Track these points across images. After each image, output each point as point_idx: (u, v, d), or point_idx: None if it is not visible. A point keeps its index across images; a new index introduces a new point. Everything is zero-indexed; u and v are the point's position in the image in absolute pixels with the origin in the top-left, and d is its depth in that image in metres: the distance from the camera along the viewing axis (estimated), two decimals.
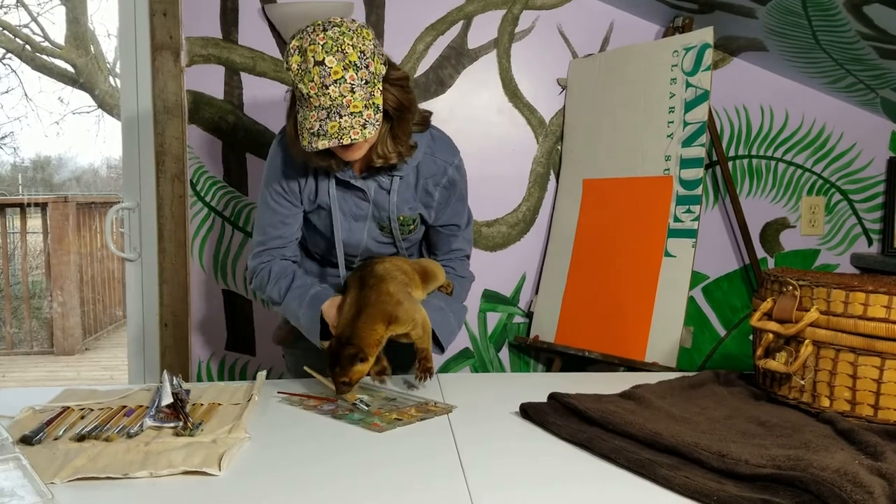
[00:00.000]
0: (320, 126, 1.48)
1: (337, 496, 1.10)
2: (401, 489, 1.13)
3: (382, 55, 1.55)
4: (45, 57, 10.02)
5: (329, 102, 1.47)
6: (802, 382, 1.45)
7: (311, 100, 1.47)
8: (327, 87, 1.46)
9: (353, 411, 1.49)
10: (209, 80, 2.56)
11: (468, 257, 1.93)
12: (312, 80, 1.47)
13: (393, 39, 2.58)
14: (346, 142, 1.49)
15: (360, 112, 1.49)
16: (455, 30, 2.60)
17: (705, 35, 2.23)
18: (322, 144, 1.49)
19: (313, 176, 1.71)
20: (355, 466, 1.22)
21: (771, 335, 1.50)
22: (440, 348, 1.70)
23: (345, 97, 1.47)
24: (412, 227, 1.78)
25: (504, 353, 2.72)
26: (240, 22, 2.54)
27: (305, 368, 1.73)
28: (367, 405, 1.51)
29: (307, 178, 1.71)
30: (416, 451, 1.29)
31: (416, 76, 2.60)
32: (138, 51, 2.53)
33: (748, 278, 2.69)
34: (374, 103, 1.51)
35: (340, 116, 1.47)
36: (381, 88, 1.54)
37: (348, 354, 1.49)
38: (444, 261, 1.88)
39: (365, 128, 1.50)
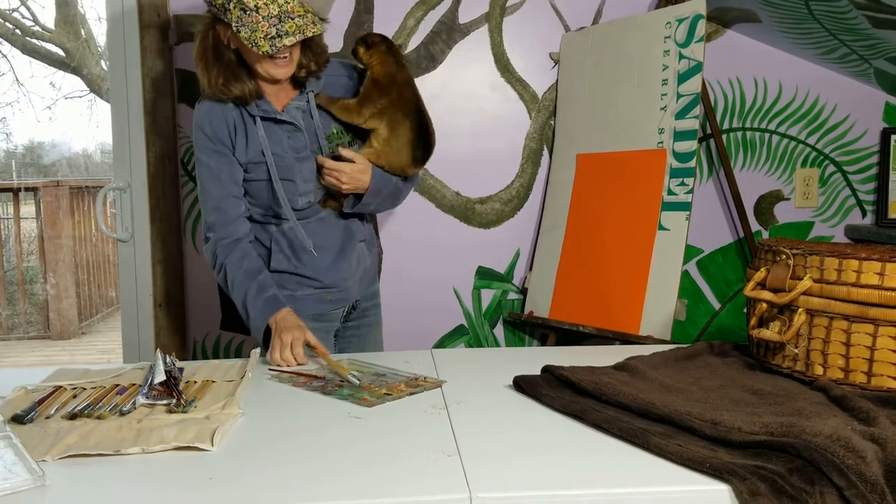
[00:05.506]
0: (277, 30, 1.65)
1: (328, 470, 1.10)
2: (392, 461, 1.13)
3: None
4: (35, 41, 9.94)
5: (278, 10, 1.65)
6: (796, 351, 1.45)
7: (261, 10, 1.64)
8: None
9: (343, 387, 1.49)
10: None
11: None
12: None
13: (383, 14, 2.55)
14: (308, 34, 1.68)
15: (304, 14, 1.68)
16: (446, 4, 2.57)
17: (698, 6, 2.21)
18: (289, 41, 1.66)
19: (242, 129, 1.83)
20: (348, 440, 1.22)
21: (765, 305, 1.50)
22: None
23: (289, 3, 1.66)
24: (346, 137, 1.92)
25: (499, 330, 2.72)
26: None
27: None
28: (359, 380, 1.51)
29: (235, 131, 1.83)
30: (408, 423, 1.29)
31: (406, 52, 2.58)
32: (126, 29, 2.50)
33: (742, 251, 2.69)
34: (308, 10, 1.70)
35: (291, 18, 1.66)
36: None
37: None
38: None
39: (315, 25, 1.70)
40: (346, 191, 1.86)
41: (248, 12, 1.64)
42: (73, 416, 1.30)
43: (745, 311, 2.27)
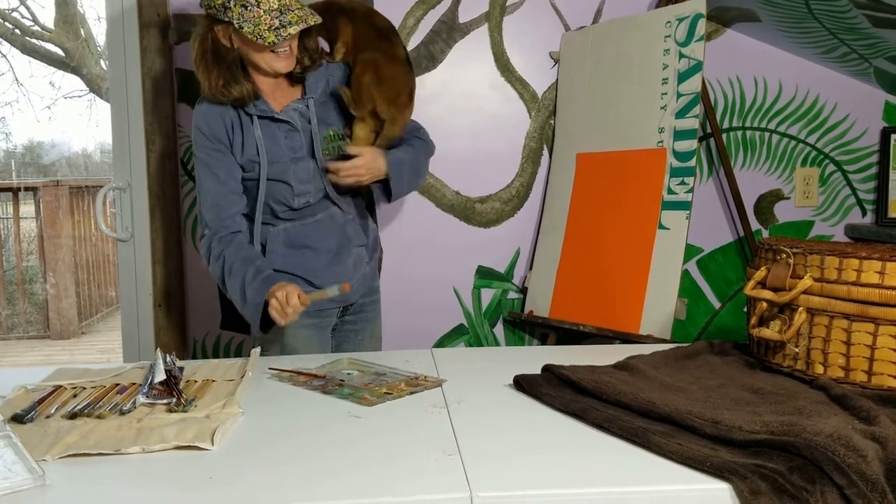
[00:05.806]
0: (280, 21, 1.71)
1: (328, 470, 1.10)
2: (392, 460, 1.13)
3: None
4: (34, 40, 9.94)
5: (278, 3, 1.71)
6: (796, 350, 1.45)
7: (262, 5, 1.70)
8: None
9: (343, 386, 1.49)
10: None
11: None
12: None
13: (383, 14, 2.54)
14: (311, 22, 1.74)
15: (301, 7, 1.75)
16: (446, 4, 2.57)
17: (698, 5, 2.21)
18: (294, 30, 1.72)
19: (239, 129, 1.86)
20: (347, 440, 1.22)
21: (765, 304, 1.50)
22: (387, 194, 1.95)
23: None
24: (342, 141, 1.93)
25: (499, 329, 2.72)
26: None
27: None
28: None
29: (233, 130, 1.86)
30: (408, 422, 1.29)
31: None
32: (126, 29, 2.50)
33: (743, 251, 2.69)
34: (303, 5, 1.77)
35: (291, 10, 1.73)
36: None
37: None
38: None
39: (313, 16, 1.77)
40: (368, 181, 1.88)
41: (249, 8, 1.69)
42: (73, 416, 1.30)
43: (745, 310, 2.27)
